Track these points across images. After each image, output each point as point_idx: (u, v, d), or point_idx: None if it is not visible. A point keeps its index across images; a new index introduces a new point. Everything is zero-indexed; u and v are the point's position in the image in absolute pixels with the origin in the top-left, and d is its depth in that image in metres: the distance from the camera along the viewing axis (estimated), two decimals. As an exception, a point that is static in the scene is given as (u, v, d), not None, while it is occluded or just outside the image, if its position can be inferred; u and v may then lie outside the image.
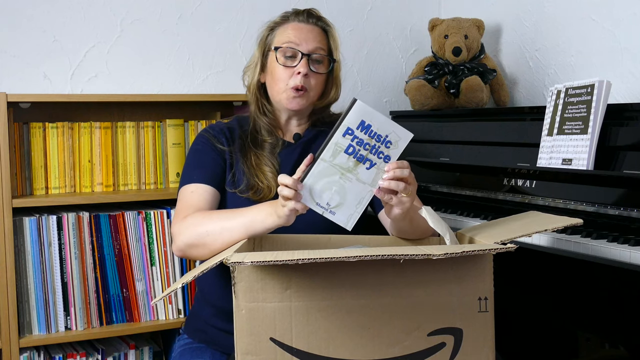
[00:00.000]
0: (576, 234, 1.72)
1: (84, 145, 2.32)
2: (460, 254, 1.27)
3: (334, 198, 1.46)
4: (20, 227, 2.15)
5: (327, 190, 1.46)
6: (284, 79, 1.75)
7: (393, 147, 1.47)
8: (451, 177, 2.22)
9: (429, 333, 1.33)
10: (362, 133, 1.45)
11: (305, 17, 1.80)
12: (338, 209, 1.47)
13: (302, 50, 1.75)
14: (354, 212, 1.47)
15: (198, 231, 1.60)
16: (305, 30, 1.78)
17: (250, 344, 1.29)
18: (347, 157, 1.45)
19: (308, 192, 1.46)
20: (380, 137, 1.46)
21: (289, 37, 1.77)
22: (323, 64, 1.78)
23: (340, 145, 1.45)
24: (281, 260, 1.23)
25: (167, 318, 2.31)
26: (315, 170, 1.45)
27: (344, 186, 1.46)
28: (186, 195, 1.73)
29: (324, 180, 1.45)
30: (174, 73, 2.57)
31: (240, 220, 1.57)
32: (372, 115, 1.46)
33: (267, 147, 1.80)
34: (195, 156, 1.79)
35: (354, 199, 1.47)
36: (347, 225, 1.48)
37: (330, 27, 1.82)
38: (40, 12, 2.38)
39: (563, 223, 1.50)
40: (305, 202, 1.46)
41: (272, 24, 1.83)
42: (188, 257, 1.64)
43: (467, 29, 2.58)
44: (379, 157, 1.46)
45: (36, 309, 2.17)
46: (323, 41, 1.79)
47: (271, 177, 1.74)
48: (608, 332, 1.83)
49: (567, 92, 1.94)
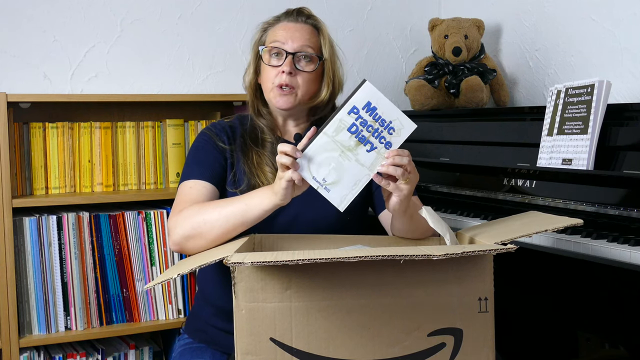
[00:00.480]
0: (576, 234, 1.72)
1: (84, 145, 2.32)
2: (461, 254, 1.27)
3: (330, 174, 1.46)
4: (20, 227, 2.15)
5: (325, 165, 1.46)
6: (271, 77, 1.76)
7: (396, 134, 1.47)
8: (451, 177, 2.22)
9: (429, 333, 1.33)
10: (367, 114, 1.46)
11: (294, 16, 1.80)
12: (333, 187, 1.46)
13: (286, 49, 1.74)
14: (348, 193, 1.47)
15: (194, 221, 1.59)
16: (293, 29, 1.78)
17: (250, 344, 1.29)
18: (349, 136, 1.46)
19: (307, 163, 1.46)
20: (384, 122, 1.46)
21: (276, 37, 1.77)
22: (311, 62, 1.77)
23: (344, 122, 1.46)
24: (281, 260, 1.23)
25: (167, 318, 2.31)
26: (316, 143, 1.46)
27: (342, 164, 1.46)
28: (184, 190, 1.72)
29: (323, 154, 1.46)
30: (174, 73, 2.57)
31: (236, 205, 1.57)
32: (379, 99, 1.46)
33: (268, 147, 1.80)
34: (196, 153, 1.79)
35: (350, 179, 1.47)
36: (339, 206, 1.47)
37: (321, 25, 1.82)
38: (40, 12, 2.38)
39: (563, 223, 1.50)
40: (302, 173, 1.45)
41: (265, 24, 1.84)
42: (185, 251, 1.62)
43: (467, 29, 2.58)
44: (381, 142, 1.47)
45: (36, 309, 2.17)
46: (312, 39, 1.78)
47: (272, 177, 1.74)
48: (608, 332, 1.83)
49: (567, 92, 1.94)
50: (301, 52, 1.75)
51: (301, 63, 1.76)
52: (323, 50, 1.79)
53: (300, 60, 1.76)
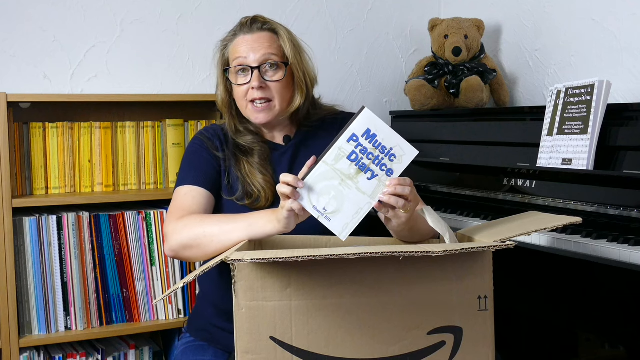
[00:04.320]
0: (576, 234, 1.72)
1: (84, 145, 2.32)
2: (460, 251, 1.27)
3: (331, 203, 1.45)
4: (20, 227, 2.15)
5: (325, 194, 1.45)
6: (243, 95, 1.74)
7: (397, 161, 1.46)
8: (451, 177, 2.22)
9: (429, 331, 1.33)
10: (366, 141, 1.44)
11: (249, 27, 1.76)
12: (334, 216, 1.45)
13: (250, 63, 1.72)
14: (349, 222, 1.46)
15: (195, 232, 1.59)
16: (251, 40, 1.74)
17: (250, 343, 1.29)
18: (349, 164, 1.45)
19: (307, 193, 1.45)
20: (384, 149, 1.45)
21: (237, 53, 1.74)
22: (279, 70, 1.74)
23: (343, 150, 1.44)
24: (281, 257, 1.23)
25: (167, 318, 2.31)
26: (316, 172, 1.45)
27: (343, 193, 1.45)
28: (180, 196, 1.72)
29: (323, 183, 1.45)
30: (174, 73, 2.57)
31: (239, 224, 1.56)
32: (379, 125, 1.45)
33: (257, 153, 1.78)
34: (190, 159, 1.79)
35: (351, 207, 1.45)
36: (341, 235, 1.46)
37: (278, 28, 1.77)
38: (40, 12, 2.38)
39: (562, 222, 1.49)
40: (302, 203, 1.45)
41: (224, 42, 1.81)
42: (180, 258, 1.62)
43: (467, 29, 2.58)
44: (382, 170, 1.45)
45: (36, 309, 2.16)
46: (273, 46, 1.74)
47: (264, 184, 1.73)
48: (608, 332, 1.83)
49: (567, 92, 1.94)
50: (266, 63, 1.73)
51: (269, 74, 1.73)
52: (286, 54, 1.75)
53: (267, 72, 1.73)
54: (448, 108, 2.58)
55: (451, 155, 2.29)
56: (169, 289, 2.02)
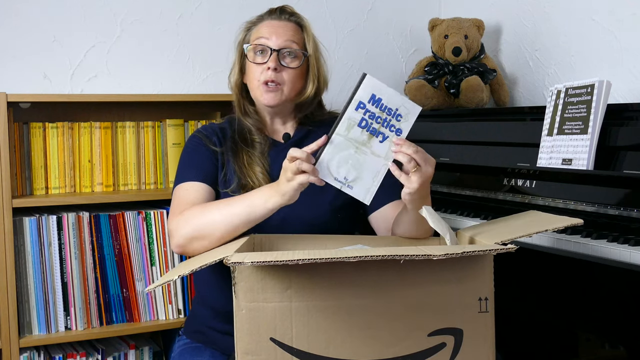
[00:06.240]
0: (576, 234, 1.72)
1: (84, 145, 2.32)
2: (461, 254, 1.27)
3: (350, 172, 1.48)
4: (20, 227, 2.15)
5: (343, 164, 1.48)
6: (256, 75, 1.76)
7: (404, 120, 1.50)
8: (451, 177, 2.22)
9: (429, 333, 1.33)
10: (373, 107, 1.48)
11: (278, 14, 1.81)
12: (355, 183, 1.49)
13: (271, 45, 1.75)
14: (371, 186, 1.49)
15: (198, 222, 1.59)
16: (277, 26, 1.78)
17: (250, 344, 1.29)
18: (361, 131, 1.48)
19: (326, 167, 1.48)
20: (390, 111, 1.49)
21: (260, 34, 1.77)
22: (296, 59, 1.77)
23: (353, 119, 1.48)
24: (281, 260, 1.23)
25: (167, 318, 2.31)
26: (331, 145, 1.47)
27: (360, 160, 1.48)
28: (180, 193, 1.72)
29: (340, 154, 1.48)
30: (174, 73, 2.57)
31: (240, 205, 1.57)
32: (382, 89, 1.49)
33: (258, 147, 1.80)
34: (188, 156, 1.80)
35: (370, 172, 1.49)
36: (365, 199, 1.50)
37: (304, 22, 1.82)
38: (40, 12, 2.38)
39: (563, 223, 1.49)
40: (324, 178, 1.48)
41: (249, 24, 1.84)
42: (188, 252, 1.61)
43: (467, 29, 2.58)
44: (391, 131, 1.49)
45: (36, 309, 2.17)
46: (296, 36, 1.79)
47: (262, 177, 1.74)
48: (608, 332, 1.83)
49: (567, 92, 1.94)
50: (286, 49, 1.75)
51: (286, 59, 1.76)
52: (307, 47, 1.80)
53: (285, 57, 1.76)
54: (448, 108, 2.58)
55: (451, 155, 2.29)
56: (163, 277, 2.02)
